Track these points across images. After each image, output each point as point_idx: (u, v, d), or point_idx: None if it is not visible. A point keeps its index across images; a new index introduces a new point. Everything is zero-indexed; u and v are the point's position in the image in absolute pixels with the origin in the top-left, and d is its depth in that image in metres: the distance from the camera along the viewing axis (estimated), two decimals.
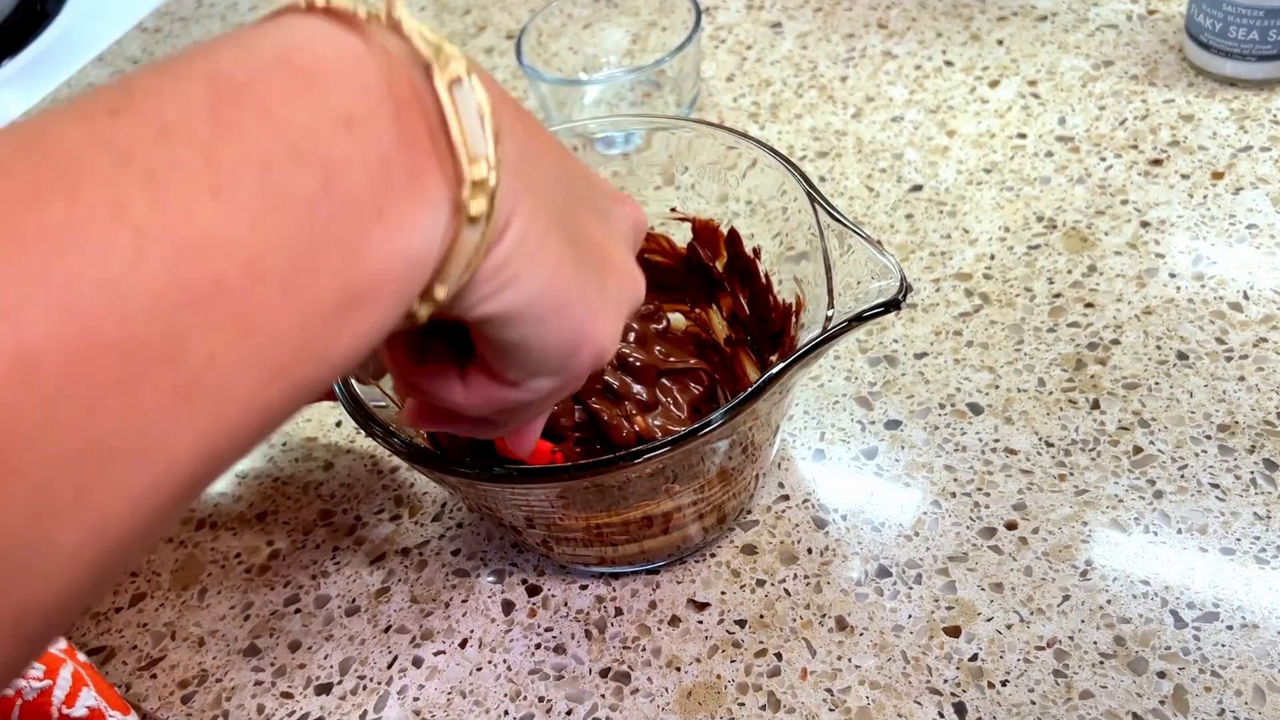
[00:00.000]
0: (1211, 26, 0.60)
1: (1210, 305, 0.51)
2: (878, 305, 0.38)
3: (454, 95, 0.24)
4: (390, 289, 0.24)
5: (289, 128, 0.22)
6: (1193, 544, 0.43)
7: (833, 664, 0.42)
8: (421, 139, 0.24)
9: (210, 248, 0.20)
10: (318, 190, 0.22)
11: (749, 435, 0.41)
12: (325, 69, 0.23)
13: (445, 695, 0.44)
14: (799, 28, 0.74)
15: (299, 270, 0.22)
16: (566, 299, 0.29)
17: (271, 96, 0.22)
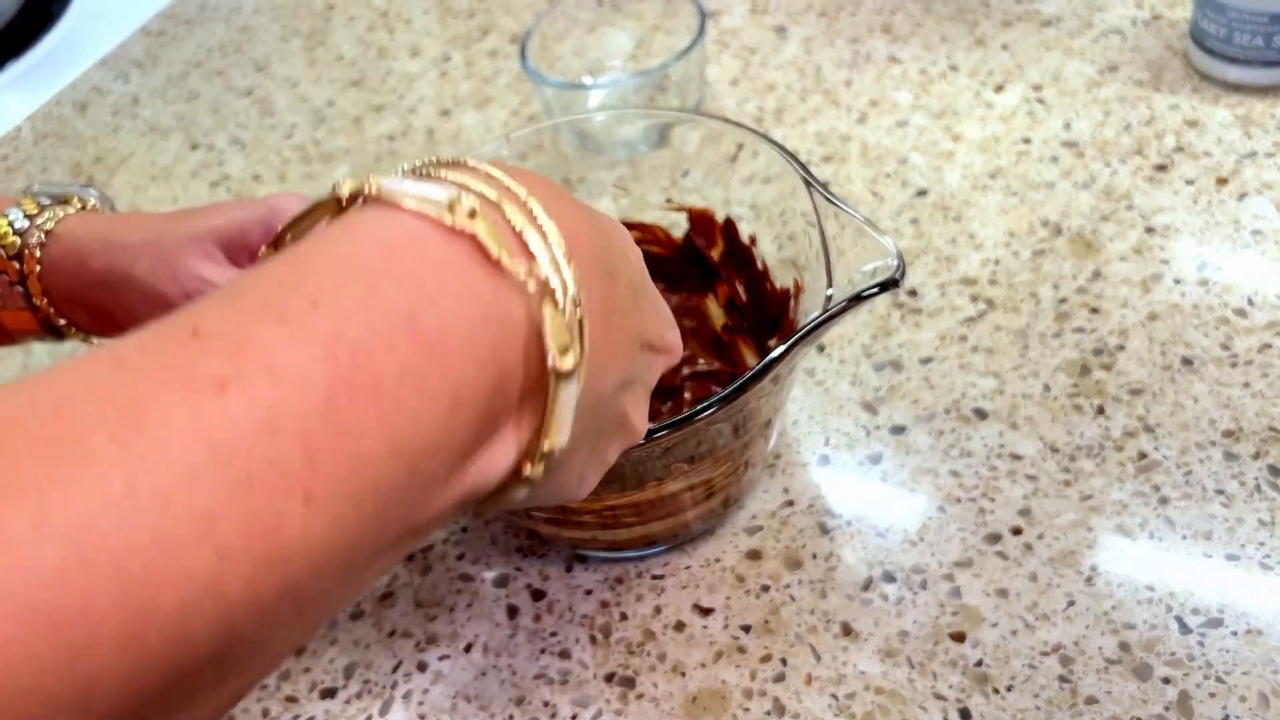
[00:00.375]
0: (1216, 32, 0.60)
1: (1215, 311, 0.51)
2: (876, 284, 0.38)
3: (560, 388, 0.24)
4: (440, 523, 0.24)
5: (397, 417, 0.21)
6: (1198, 550, 0.43)
7: (838, 669, 0.42)
8: (510, 405, 0.24)
9: (288, 558, 0.19)
10: (405, 480, 0.21)
11: (755, 414, 0.41)
12: (449, 339, 0.22)
13: (450, 700, 0.44)
14: (803, 32, 0.74)
15: (360, 552, 0.21)
16: (567, 489, 0.30)
17: (389, 377, 0.21)
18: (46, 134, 0.82)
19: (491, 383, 0.23)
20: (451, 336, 0.23)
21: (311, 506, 0.20)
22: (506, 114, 0.74)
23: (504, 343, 0.24)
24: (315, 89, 0.80)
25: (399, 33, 0.83)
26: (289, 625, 0.20)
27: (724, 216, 0.51)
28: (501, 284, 0.24)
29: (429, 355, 0.22)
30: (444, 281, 0.23)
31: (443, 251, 0.23)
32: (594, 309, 0.26)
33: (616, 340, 0.29)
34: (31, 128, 0.83)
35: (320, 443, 0.20)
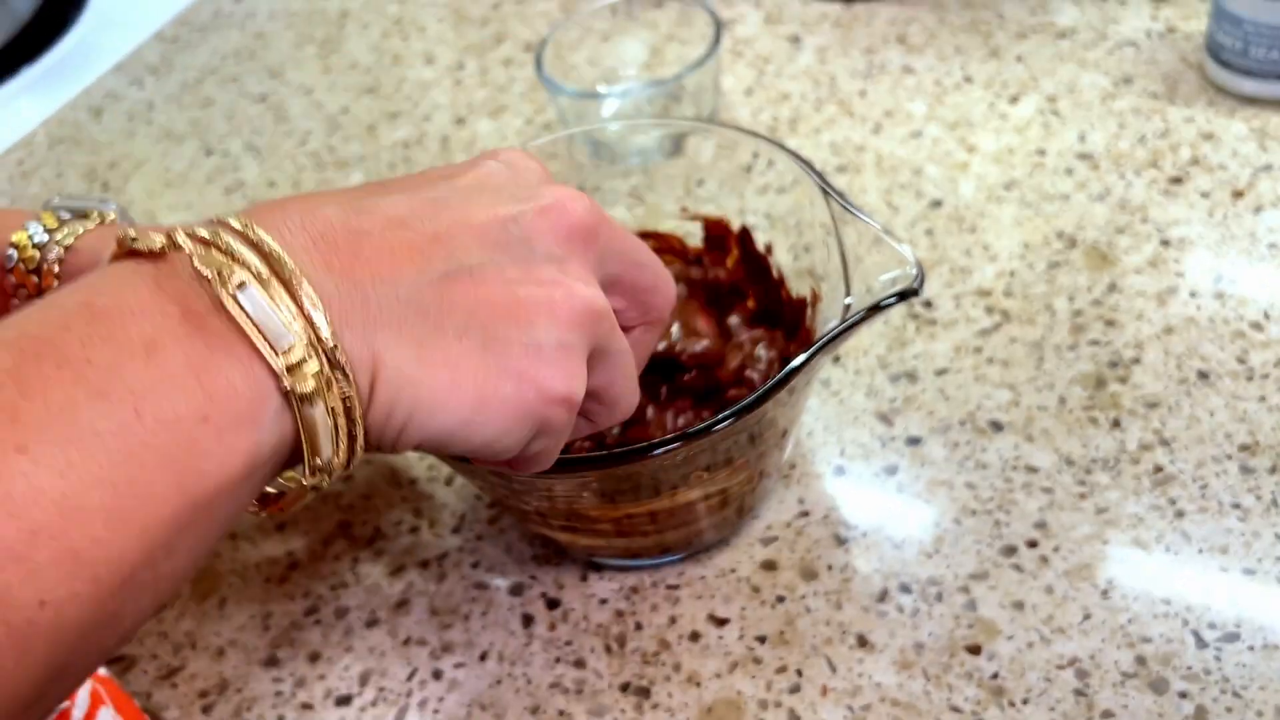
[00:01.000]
0: (1232, 45, 0.60)
1: (1231, 325, 0.51)
2: (894, 293, 0.38)
3: (238, 300, 0.25)
4: (235, 486, 0.25)
5: (90, 370, 0.24)
6: (1214, 564, 0.43)
7: (854, 681, 0.42)
8: (231, 344, 0.25)
9: (22, 503, 0.22)
10: (127, 420, 0.23)
11: (773, 424, 0.42)
12: (122, 305, 0.25)
13: (465, 708, 0.44)
14: (818, 42, 0.74)
15: (122, 499, 0.23)
16: (485, 388, 0.29)
17: (71, 345, 0.24)
18: (61, 139, 0.82)
19: (191, 329, 0.25)
20: (125, 302, 0.26)
21: (28, 455, 0.22)
22: (521, 122, 0.74)
23: (188, 294, 0.26)
24: (329, 96, 0.80)
25: (413, 40, 0.84)
26: (60, 577, 0.22)
27: (739, 225, 0.51)
28: (169, 260, 0.27)
29: (105, 321, 0.25)
30: (114, 274, 0.27)
31: (118, 265, 0.27)
32: (321, 242, 0.28)
33: (378, 252, 0.29)
34: (46, 133, 0.84)
35: (16, 404, 0.23)
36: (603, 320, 0.32)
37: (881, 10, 0.75)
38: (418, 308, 0.29)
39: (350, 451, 0.28)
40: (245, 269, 0.26)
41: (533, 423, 0.30)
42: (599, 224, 0.33)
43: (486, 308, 0.30)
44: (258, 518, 0.53)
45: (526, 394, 0.30)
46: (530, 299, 0.30)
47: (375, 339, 0.28)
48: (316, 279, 0.27)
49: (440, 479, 0.53)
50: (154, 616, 0.27)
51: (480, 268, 0.30)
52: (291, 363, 0.26)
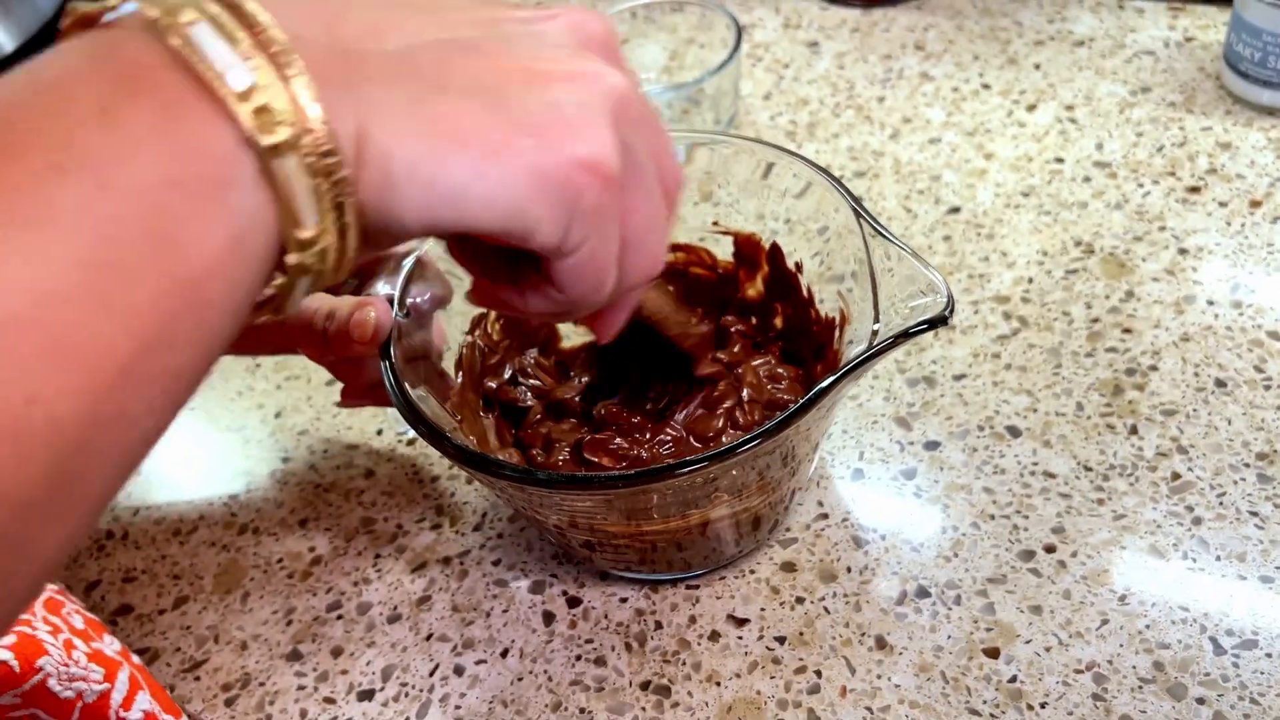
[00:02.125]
0: (1251, 56, 0.61)
1: (1249, 334, 0.51)
2: (924, 321, 0.38)
3: (189, 38, 0.23)
4: (222, 264, 0.23)
5: (44, 144, 0.21)
6: (1231, 571, 0.44)
7: (872, 683, 0.43)
8: (191, 98, 0.23)
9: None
10: (91, 192, 0.21)
11: (791, 447, 0.42)
12: (70, 73, 0.23)
13: (487, 705, 0.45)
14: (836, 47, 0.74)
15: (101, 280, 0.21)
16: (498, 145, 0.26)
17: (21, 122, 0.22)
18: None
19: (148, 86, 0.23)
20: (74, 70, 0.23)
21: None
22: None
23: (139, 52, 0.23)
24: None
25: None
26: (47, 370, 0.21)
27: (765, 236, 0.51)
28: (119, 24, 0.24)
29: (56, 92, 0.22)
30: (65, 47, 0.23)
31: (71, 40, 0.24)
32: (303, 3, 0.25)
33: (366, 21, 0.27)
34: None
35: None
36: (632, 108, 0.28)
37: (900, 17, 0.76)
38: (411, 66, 0.26)
39: (341, 228, 0.25)
40: (195, 9, 0.23)
41: (559, 195, 0.27)
42: (615, 42, 0.30)
43: (492, 72, 0.27)
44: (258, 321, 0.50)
45: (548, 152, 0.26)
46: (546, 68, 0.27)
47: (360, 95, 0.25)
48: (289, 25, 0.24)
49: (462, 477, 0.54)
50: (174, 416, 0.24)
51: (486, 44, 0.27)
52: (256, 105, 0.23)
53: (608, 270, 0.30)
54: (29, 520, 0.21)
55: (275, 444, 0.57)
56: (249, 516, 0.54)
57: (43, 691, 0.38)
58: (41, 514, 0.21)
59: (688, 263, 0.53)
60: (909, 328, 0.38)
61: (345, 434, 0.57)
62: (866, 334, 0.40)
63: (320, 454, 0.56)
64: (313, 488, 0.55)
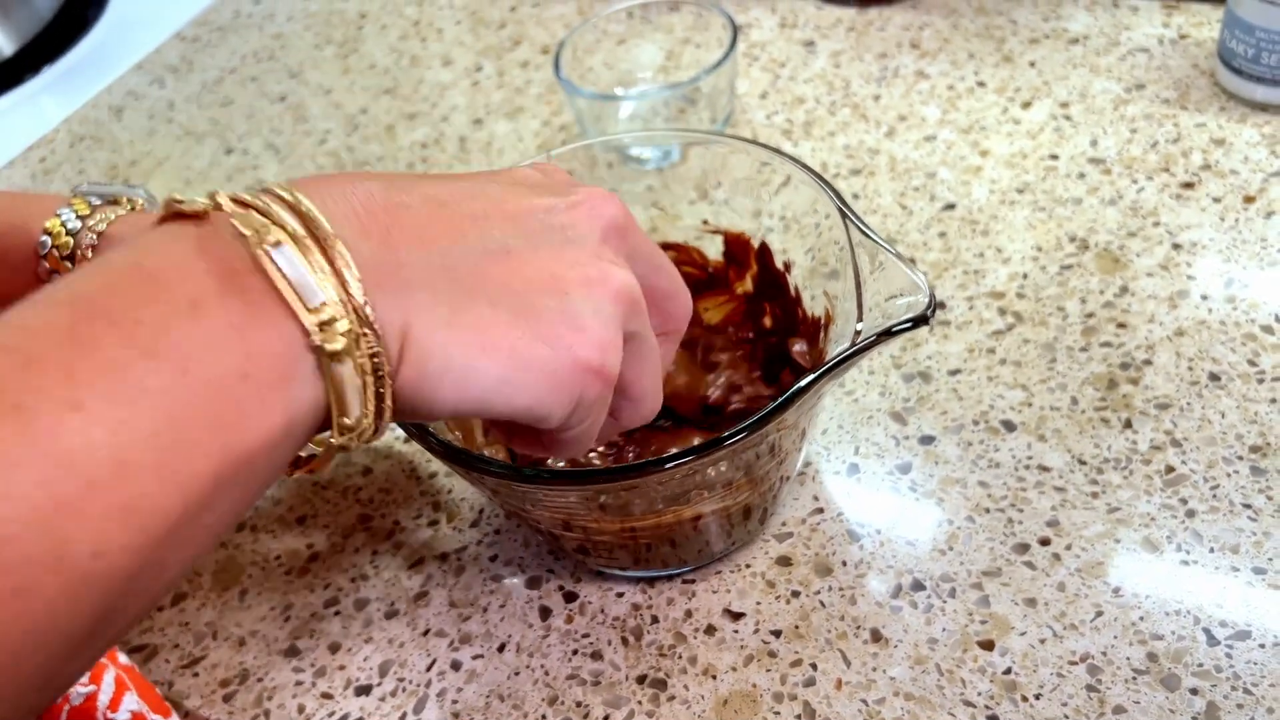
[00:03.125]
0: (1244, 52, 0.61)
1: (1242, 328, 0.52)
2: (906, 320, 0.38)
3: (272, 257, 0.26)
4: (274, 444, 0.26)
5: (139, 329, 0.24)
6: (1225, 563, 0.44)
7: (867, 675, 0.43)
8: (268, 303, 0.26)
9: (76, 458, 0.23)
10: (174, 378, 0.24)
11: (777, 441, 0.42)
12: (169, 266, 0.26)
13: (484, 699, 0.45)
14: (832, 46, 0.75)
15: (168, 454, 0.24)
16: (518, 356, 0.30)
17: (122, 305, 0.25)
18: (83, 136, 0.83)
19: (233, 287, 0.26)
20: (171, 262, 0.26)
21: (82, 412, 0.23)
22: (537, 124, 0.74)
23: (228, 255, 0.26)
24: (348, 96, 0.81)
25: (431, 42, 0.85)
26: (112, 529, 0.23)
27: (754, 232, 0.51)
28: (211, 221, 0.27)
29: (153, 281, 0.26)
30: (161, 235, 0.27)
31: (166, 226, 0.28)
32: (361, 211, 0.29)
33: (409, 209, 0.30)
34: (68, 130, 0.84)
35: (72, 363, 0.24)
36: (637, 303, 0.33)
37: (895, 16, 0.76)
38: (452, 276, 0.29)
39: (379, 413, 0.28)
40: (281, 229, 0.27)
41: (569, 392, 0.31)
42: (629, 222, 0.34)
43: (521, 280, 0.30)
44: (288, 479, 0.54)
45: (562, 359, 0.30)
46: (566, 274, 0.31)
47: (407, 301, 0.28)
48: (352, 241, 0.28)
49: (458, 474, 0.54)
50: (193, 567, 0.28)
51: (516, 248, 0.31)
52: (323, 319, 0.26)
53: (591, 438, 0.35)
54: (69, 656, 0.24)
55: None
56: (247, 515, 0.54)
57: None
58: (79, 649, 0.24)
59: (679, 262, 0.53)
60: (891, 326, 0.38)
61: None
62: (850, 333, 0.40)
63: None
64: (310, 485, 0.55)
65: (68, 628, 0.23)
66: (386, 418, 0.29)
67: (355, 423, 0.28)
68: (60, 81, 0.90)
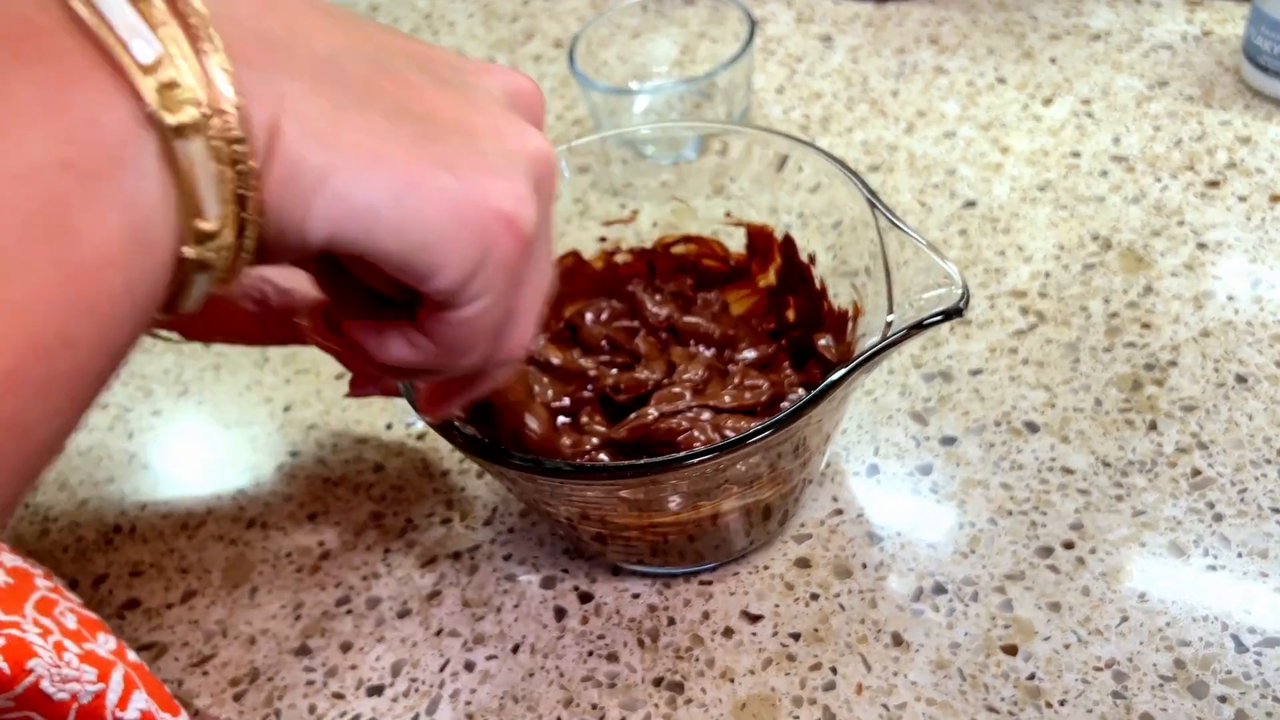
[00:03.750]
0: (1270, 49, 0.60)
1: (1269, 329, 0.51)
2: (939, 312, 0.37)
3: (94, 1, 0.21)
4: (121, 255, 0.21)
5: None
6: (1253, 569, 0.43)
7: (888, 680, 0.42)
8: (88, 67, 0.21)
9: None
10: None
11: (803, 439, 0.41)
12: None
13: (498, 700, 0.44)
14: (849, 41, 0.74)
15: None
16: (419, 174, 0.24)
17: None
18: None
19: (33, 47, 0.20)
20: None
21: None
22: (551, 118, 0.74)
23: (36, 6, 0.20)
24: None
25: (443, 35, 0.84)
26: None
27: (779, 229, 0.50)
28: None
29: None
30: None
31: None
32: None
33: (302, 21, 0.25)
34: None
35: None
36: (552, 175, 0.28)
37: (914, 10, 0.75)
38: (339, 74, 0.24)
39: (240, 224, 0.23)
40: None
41: (473, 239, 0.25)
42: (542, 106, 0.30)
43: (422, 103, 0.25)
44: (160, 335, 0.50)
45: (469, 193, 0.25)
46: (474, 117, 0.26)
47: (282, 85, 0.23)
48: (216, 4, 0.22)
49: (471, 471, 0.53)
50: (80, 421, 0.22)
51: (419, 80, 0.26)
52: (162, 81, 0.21)
53: (488, 334, 0.28)
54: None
55: (284, 438, 0.57)
56: (257, 510, 0.53)
57: (36, 694, 0.37)
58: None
59: (699, 255, 0.53)
60: (923, 319, 0.37)
61: (354, 428, 0.56)
62: (880, 326, 0.40)
63: (329, 448, 0.56)
64: (321, 482, 0.54)
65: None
66: (250, 235, 0.23)
67: (217, 229, 0.22)
68: None
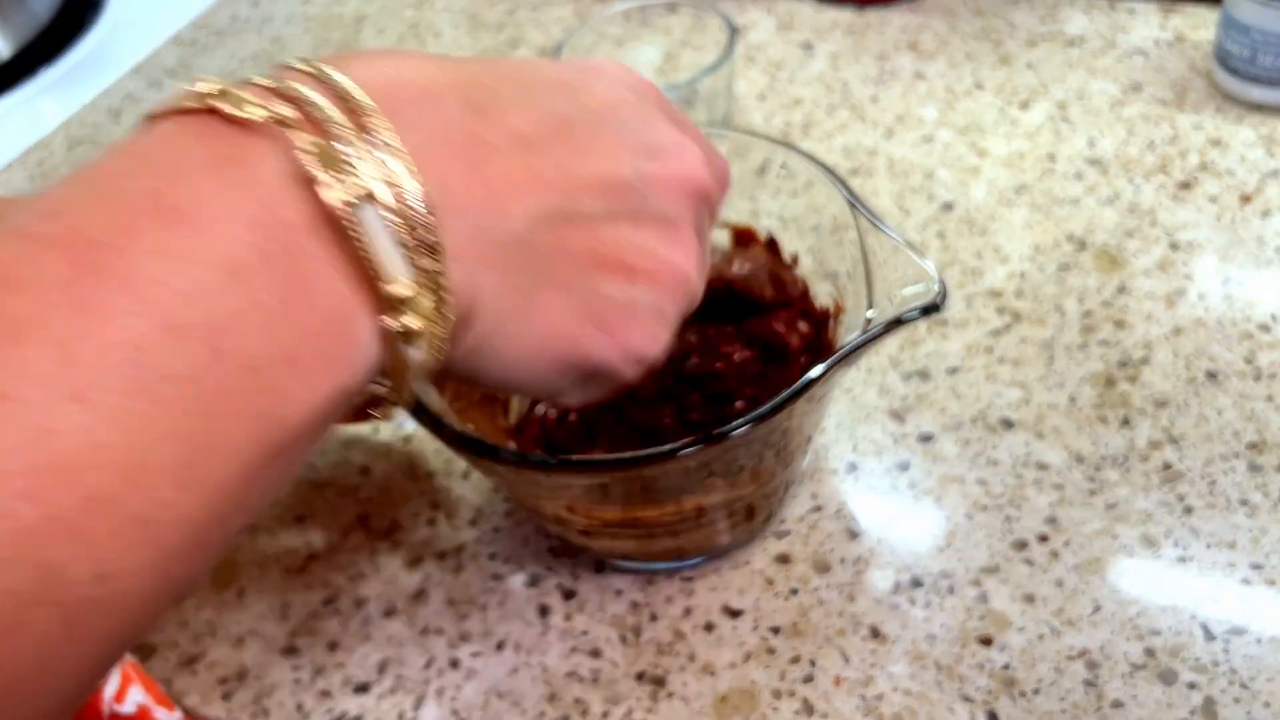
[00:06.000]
0: (1240, 54, 0.61)
1: (1239, 326, 0.52)
2: (916, 308, 0.38)
3: (355, 214, 0.21)
4: (314, 431, 0.22)
5: (161, 295, 0.19)
6: (1222, 559, 0.44)
7: (866, 671, 0.43)
8: (331, 270, 0.21)
9: (79, 465, 0.18)
10: (206, 362, 0.19)
11: (785, 435, 0.42)
12: (200, 206, 0.20)
13: (483, 696, 0.45)
14: (830, 48, 0.75)
15: (195, 455, 0.19)
16: (573, 345, 0.28)
17: (139, 258, 0.19)
18: (80, 140, 0.83)
19: (285, 243, 0.20)
20: (203, 201, 0.20)
21: (85, 405, 0.18)
22: None
23: (281, 196, 0.21)
24: None
25: (429, 44, 0.85)
26: (121, 547, 0.19)
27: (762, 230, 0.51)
28: (257, 144, 0.21)
29: (179, 224, 0.20)
30: (188, 152, 0.21)
31: (191, 134, 0.21)
32: (442, 148, 0.24)
33: (500, 176, 0.25)
34: (65, 134, 0.84)
35: (72, 338, 0.18)
36: (695, 295, 0.32)
37: (893, 17, 0.76)
38: (528, 249, 0.26)
39: (418, 388, 0.26)
40: (360, 184, 0.21)
41: (608, 380, 0.30)
42: (713, 186, 0.32)
43: (593, 259, 0.28)
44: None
45: (611, 353, 0.29)
46: (638, 263, 0.29)
47: (479, 275, 0.24)
48: (437, 202, 0.22)
49: (457, 473, 0.54)
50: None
51: (595, 218, 0.28)
52: (399, 296, 0.22)
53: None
54: (71, 694, 0.20)
55: None
56: None
57: None
58: (81, 684, 0.20)
59: None
60: (902, 314, 0.38)
61: (341, 431, 0.57)
62: (860, 323, 0.41)
63: (316, 451, 0.56)
64: (309, 485, 0.55)
65: (67, 666, 0.19)
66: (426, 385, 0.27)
67: (403, 401, 0.25)
68: (58, 84, 0.90)
